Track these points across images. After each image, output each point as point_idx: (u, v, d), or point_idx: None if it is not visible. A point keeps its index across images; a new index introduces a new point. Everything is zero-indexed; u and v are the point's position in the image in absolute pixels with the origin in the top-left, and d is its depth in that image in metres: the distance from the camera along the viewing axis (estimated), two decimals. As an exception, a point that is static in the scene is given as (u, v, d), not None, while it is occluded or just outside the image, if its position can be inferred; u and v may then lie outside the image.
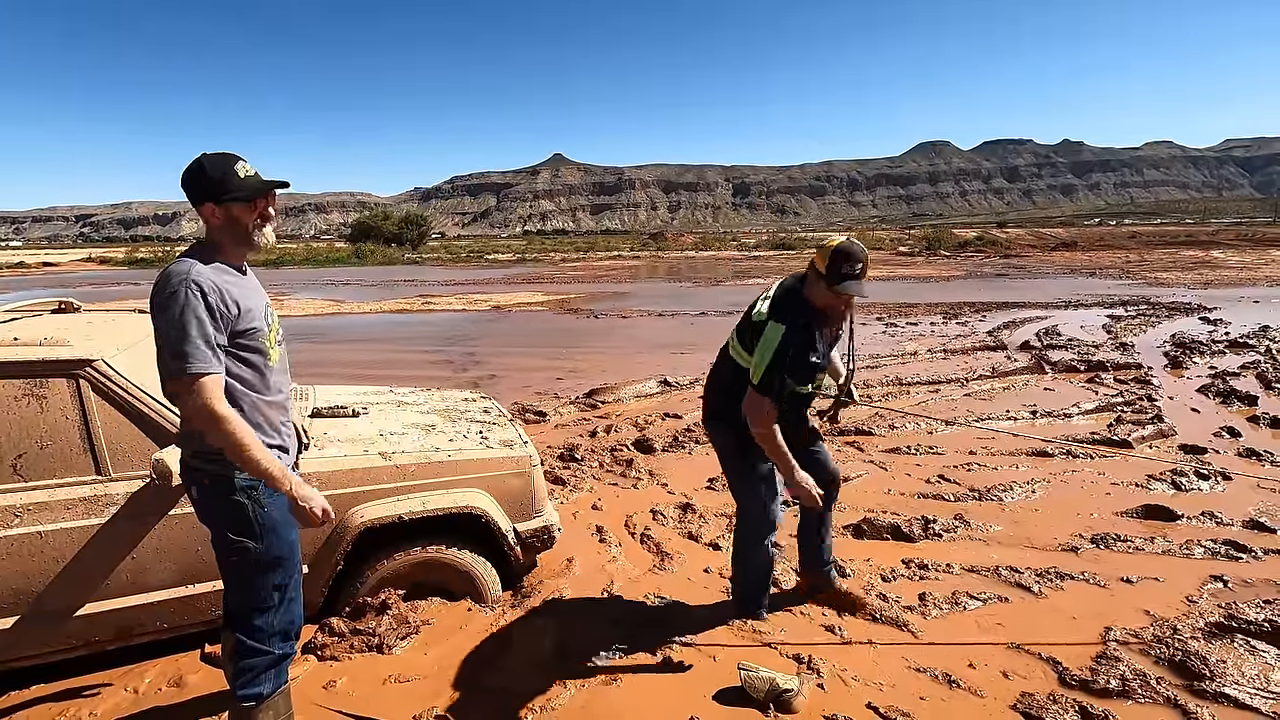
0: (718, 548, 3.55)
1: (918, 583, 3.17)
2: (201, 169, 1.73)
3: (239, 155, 1.78)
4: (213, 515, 1.85)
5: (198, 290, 1.65)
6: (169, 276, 1.68)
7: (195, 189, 1.74)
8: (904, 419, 5.83)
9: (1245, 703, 2.31)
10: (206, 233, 1.82)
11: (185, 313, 1.63)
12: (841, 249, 2.32)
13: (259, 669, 1.88)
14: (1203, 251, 34.22)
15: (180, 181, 1.76)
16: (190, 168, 1.74)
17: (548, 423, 6.08)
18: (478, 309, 16.27)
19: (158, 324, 1.67)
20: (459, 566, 2.86)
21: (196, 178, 1.73)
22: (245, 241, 1.81)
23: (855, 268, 2.32)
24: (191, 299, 1.64)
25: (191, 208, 1.80)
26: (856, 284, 2.33)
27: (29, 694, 2.38)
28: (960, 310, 13.72)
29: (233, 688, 1.90)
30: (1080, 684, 2.41)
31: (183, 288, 1.64)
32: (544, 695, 2.38)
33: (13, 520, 2.18)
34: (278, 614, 1.90)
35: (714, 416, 2.75)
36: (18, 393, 2.20)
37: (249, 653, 1.87)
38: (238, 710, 1.91)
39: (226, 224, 1.77)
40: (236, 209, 1.76)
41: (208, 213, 1.75)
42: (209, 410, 1.64)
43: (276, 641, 1.90)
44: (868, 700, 2.34)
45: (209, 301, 1.67)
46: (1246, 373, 7.43)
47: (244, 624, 1.87)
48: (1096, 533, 3.62)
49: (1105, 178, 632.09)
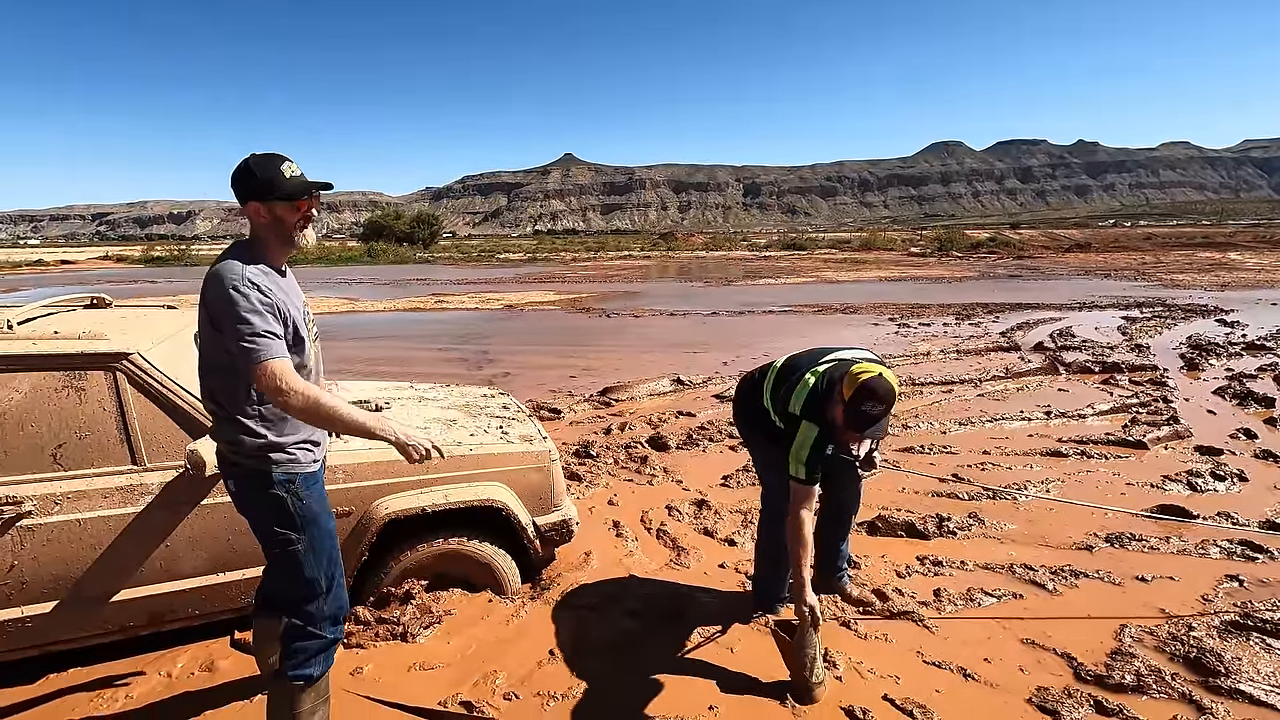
0: (733, 543, 3.59)
1: (932, 579, 3.20)
2: (249, 169, 1.79)
3: (285, 156, 1.83)
4: (252, 508, 1.92)
5: (253, 287, 1.72)
6: (221, 279, 1.72)
7: (243, 188, 1.80)
8: (916, 418, 5.84)
9: (1261, 699, 2.33)
10: (251, 230, 1.87)
11: (244, 310, 1.69)
12: (867, 386, 2.22)
13: (311, 652, 1.95)
14: (1220, 253, 33.84)
15: (230, 180, 1.82)
16: (239, 167, 1.80)
17: (563, 420, 6.13)
18: (490, 307, 16.36)
19: (221, 323, 1.72)
20: (480, 558, 2.92)
21: (244, 177, 1.79)
22: (288, 241, 1.87)
23: (876, 408, 2.23)
24: (249, 295, 1.71)
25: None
26: (875, 428, 2.26)
27: (66, 677, 2.45)
28: (973, 311, 13.66)
29: (281, 669, 1.96)
30: (1095, 679, 2.44)
31: (237, 289, 1.70)
32: (562, 685, 2.43)
33: (52, 508, 2.25)
34: (327, 600, 1.96)
35: (743, 418, 2.90)
36: (58, 384, 2.27)
37: (302, 636, 1.94)
38: (283, 689, 1.97)
39: (271, 223, 1.83)
40: (281, 209, 1.81)
41: (253, 211, 1.81)
42: (287, 390, 1.69)
43: (327, 626, 1.97)
44: (884, 692, 2.38)
45: (266, 297, 1.73)
46: (1264, 375, 7.38)
47: (296, 610, 1.94)
48: (1111, 532, 3.63)
49: (1120, 179, 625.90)
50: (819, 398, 2.42)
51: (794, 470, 2.43)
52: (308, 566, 1.91)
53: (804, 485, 2.43)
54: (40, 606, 2.28)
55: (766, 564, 2.89)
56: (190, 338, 2.81)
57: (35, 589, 2.26)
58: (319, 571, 1.93)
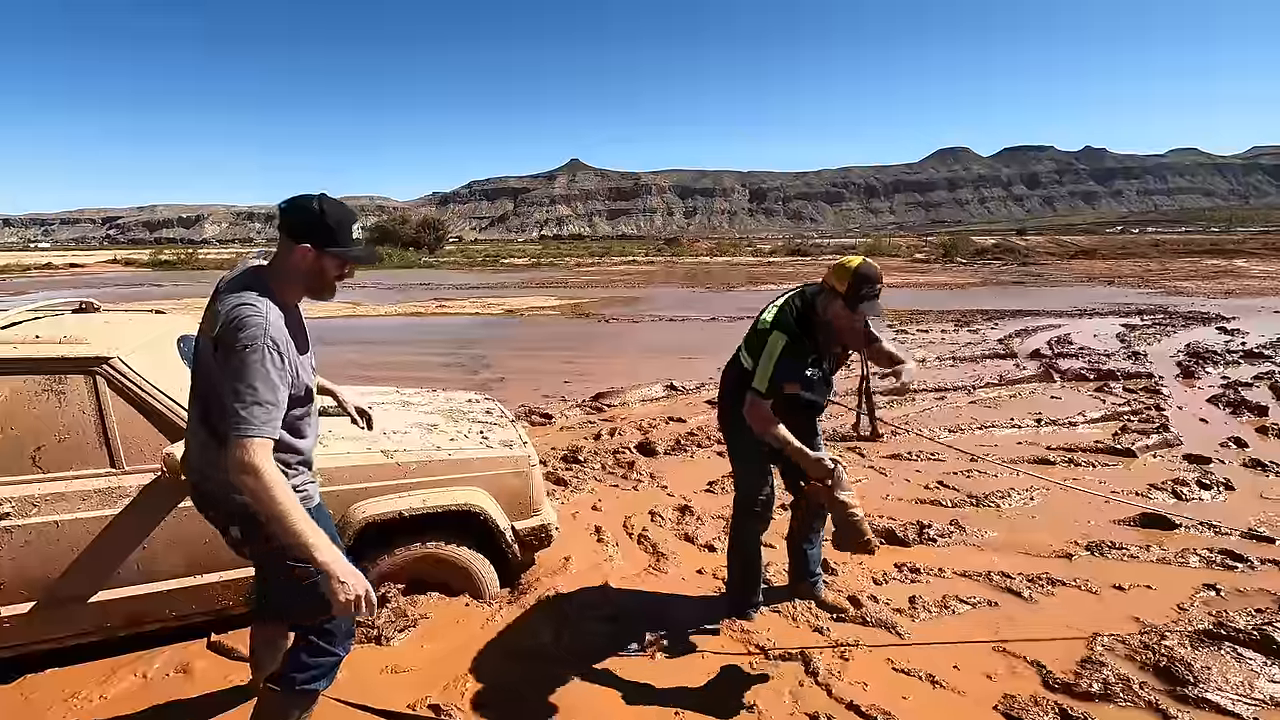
0: (713, 549, 3.61)
1: (909, 586, 3.21)
2: (321, 211, 1.69)
3: (357, 213, 1.80)
4: (262, 548, 1.81)
5: (275, 349, 1.62)
6: (244, 323, 1.61)
7: (303, 226, 1.70)
8: (904, 424, 5.85)
9: (1227, 708, 2.33)
10: (280, 265, 1.76)
11: (258, 372, 1.59)
12: (862, 272, 2.40)
13: (326, 668, 1.94)
14: (1226, 260, 33.67)
15: (286, 209, 1.72)
16: (308, 204, 1.70)
17: (553, 425, 6.16)
18: (491, 313, 16.43)
19: (227, 367, 1.61)
20: (457, 563, 2.94)
21: (311, 217, 1.70)
22: (317, 292, 1.80)
23: (875, 289, 2.41)
24: (270, 356, 1.61)
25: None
26: (873, 304, 2.44)
27: (43, 678, 2.48)
28: (972, 318, 13.64)
29: (283, 679, 1.92)
30: (1063, 687, 2.45)
31: (262, 341, 1.60)
32: (534, 688, 2.46)
33: (31, 510, 2.29)
34: (344, 619, 1.93)
35: (723, 401, 2.89)
36: (38, 388, 2.32)
37: (319, 652, 1.91)
38: (280, 699, 1.94)
39: (313, 270, 1.74)
40: (330, 262, 1.74)
41: (300, 252, 1.70)
42: (256, 471, 1.55)
43: (340, 642, 1.95)
44: (851, 699, 2.39)
45: (282, 361, 1.65)
46: (1260, 383, 7.35)
47: (317, 629, 1.90)
48: (1092, 540, 3.63)
49: (1128, 185, 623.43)
50: (796, 313, 2.55)
51: (757, 382, 2.50)
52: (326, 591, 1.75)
53: (761, 399, 2.50)
54: (18, 607, 2.31)
55: (736, 567, 2.90)
56: (173, 343, 2.85)
57: (13, 590, 2.29)
58: None
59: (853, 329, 2.54)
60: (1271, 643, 2.64)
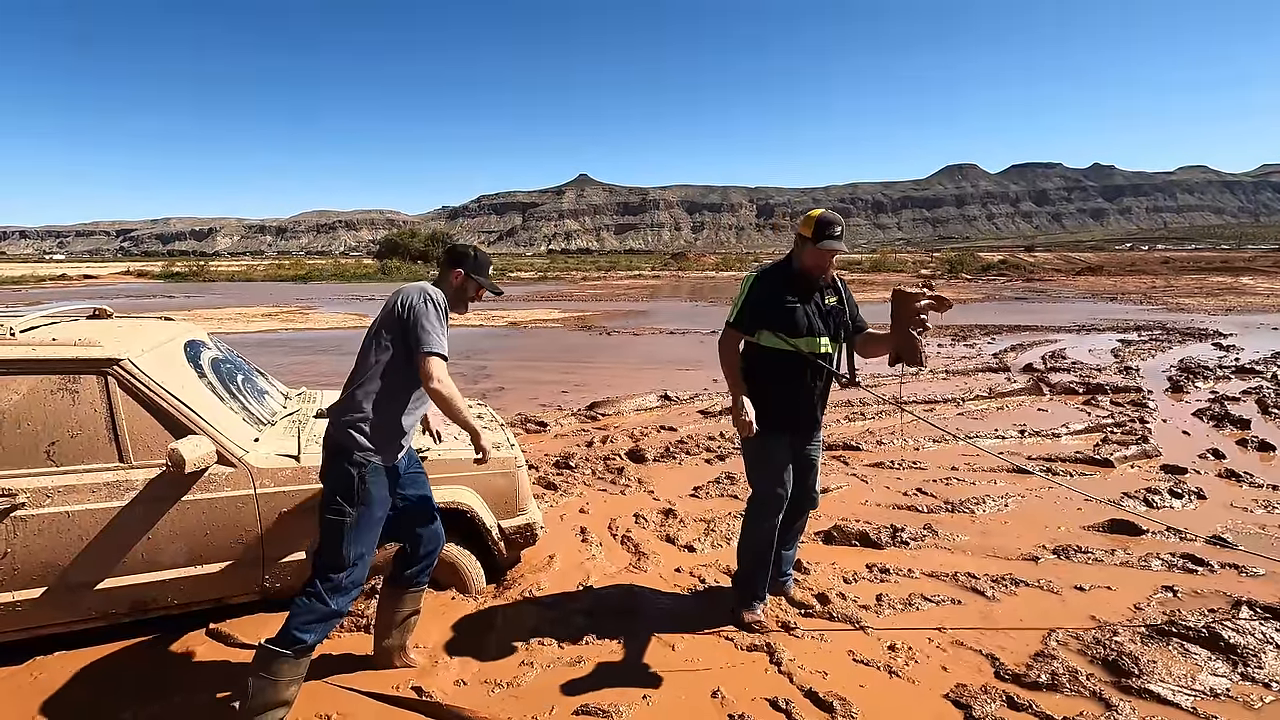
0: (692, 550, 3.75)
1: (877, 584, 3.34)
2: (475, 252, 2.52)
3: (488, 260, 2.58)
4: (327, 476, 2.33)
5: (441, 305, 2.37)
6: (424, 291, 2.37)
7: (460, 259, 2.48)
8: (891, 434, 5.98)
9: (1168, 699, 2.45)
10: (445, 284, 2.48)
11: (434, 314, 2.31)
12: (824, 218, 2.78)
13: (315, 616, 2.23)
14: (1233, 278, 33.64)
15: (451, 249, 2.53)
16: (468, 249, 2.52)
17: (548, 433, 6.32)
18: (494, 324, 16.65)
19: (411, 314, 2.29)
20: (445, 558, 3.09)
21: (466, 253, 2.50)
22: (457, 304, 2.51)
23: (835, 229, 2.76)
24: (441, 308, 2.36)
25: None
26: (837, 242, 2.76)
27: (51, 660, 2.65)
28: (970, 332, 13.76)
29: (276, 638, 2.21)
30: (1013, 677, 2.57)
31: (433, 300, 2.34)
32: (509, 674, 2.60)
33: (44, 501, 2.47)
34: (350, 574, 2.28)
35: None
36: (53, 387, 2.50)
37: (318, 600, 2.24)
38: (280, 642, 2.20)
39: (459, 287, 2.48)
40: (470, 284, 2.49)
41: (455, 274, 2.46)
42: (439, 380, 2.27)
43: (339, 597, 2.26)
44: (810, 686, 2.52)
45: (445, 318, 2.37)
46: (1247, 398, 7.44)
47: (321, 574, 2.27)
48: (1060, 544, 3.75)
49: (1137, 202, 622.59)
50: (773, 266, 2.94)
51: (730, 314, 2.86)
52: (347, 541, 2.26)
53: (729, 329, 2.86)
54: (30, 592, 2.48)
55: (747, 561, 2.98)
56: (180, 348, 3.04)
57: (26, 576, 2.47)
58: (355, 549, 2.27)
59: (821, 265, 2.83)
60: (1219, 639, 2.76)
